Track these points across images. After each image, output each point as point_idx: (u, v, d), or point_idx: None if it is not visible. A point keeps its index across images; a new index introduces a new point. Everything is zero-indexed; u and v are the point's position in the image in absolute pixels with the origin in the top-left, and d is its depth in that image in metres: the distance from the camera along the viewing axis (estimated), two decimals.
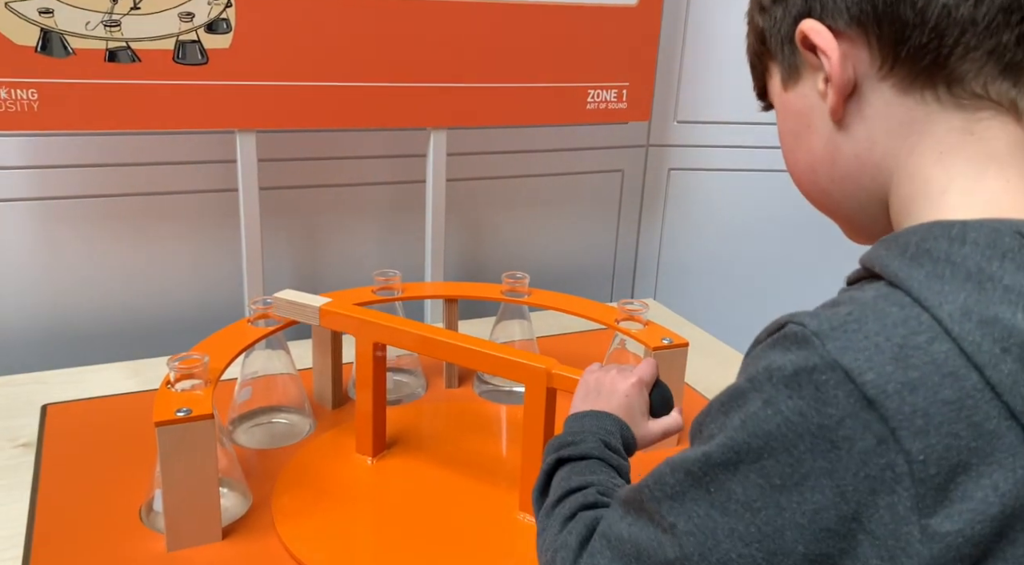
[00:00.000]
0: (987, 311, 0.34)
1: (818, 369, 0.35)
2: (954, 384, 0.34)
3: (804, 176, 0.48)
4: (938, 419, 0.33)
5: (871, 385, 0.34)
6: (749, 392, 0.38)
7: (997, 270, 0.35)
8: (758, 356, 0.39)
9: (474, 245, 1.46)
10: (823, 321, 0.37)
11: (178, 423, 0.69)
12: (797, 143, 0.47)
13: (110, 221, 1.19)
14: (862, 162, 0.43)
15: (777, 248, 1.57)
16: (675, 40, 1.45)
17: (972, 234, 0.36)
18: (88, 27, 0.94)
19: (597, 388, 0.67)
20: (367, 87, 1.12)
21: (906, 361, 0.34)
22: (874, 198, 0.44)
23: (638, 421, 0.65)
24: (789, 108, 0.47)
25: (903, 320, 0.35)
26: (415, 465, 0.88)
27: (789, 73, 0.46)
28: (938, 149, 0.40)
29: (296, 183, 1.28)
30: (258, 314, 0.90)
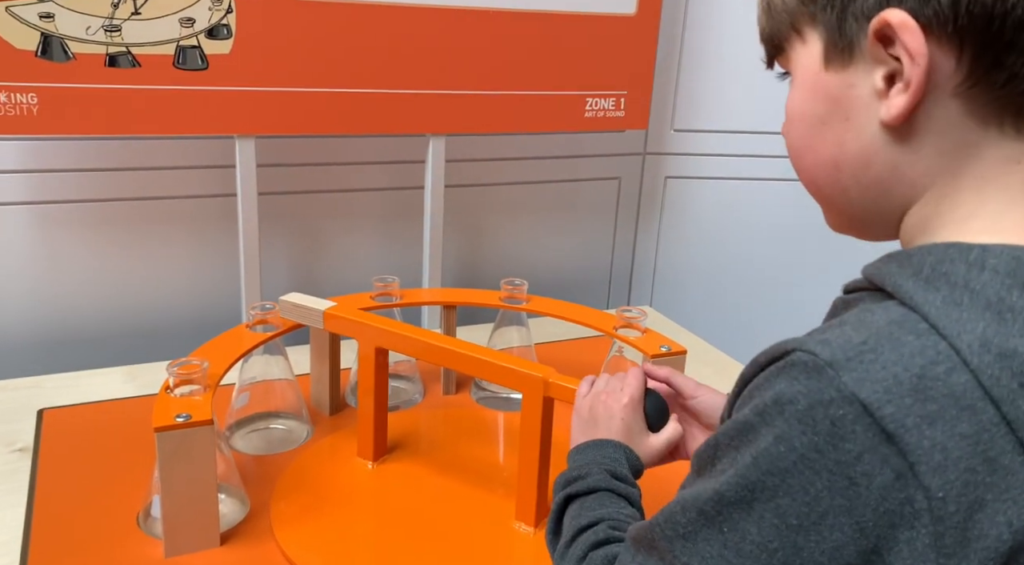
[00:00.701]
0: (1006, 344, 0.33)
1: (835, 403, 0.34)
2: (971, 418, 0.33)
3: (821, 169, 0.43)
4: (956, 454, 0.33)
5: (890, 419, 0.33)
6: (760, 426, 0.37)
7: (1017, 301, 0.34)
8: (763, 386, 0.38)
9: (472, 251, 1.47)
10: (836, 350, 0.35)
11: (177, 428, 0.69)
12: (821, 131, 0.42)
13: (109, 225, 1.19)
14: (900, 174, 0.40)
15: (773, 257, 1.57)
16: (673, 49, 1.46)
17: (992, 260, 0.35)
18: (88, 32, 0.95)
19: (593, 417, 0.66)
20: (366, 94, 1.12)
21: (925, 393, 0.33)
22: (895, 208, 0.42)
23: (639, 440, 0.65)
24: (822, 89, 0.42)
25: (921, 349, 0.34)
26: (414, 471, 0.88)
27: (839, 52, 0.40)
28: (980, 175, 0.39)
29: (295, 188, 1.28)
30: (256, 319, 0.90)
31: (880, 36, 0.38)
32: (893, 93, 0.38)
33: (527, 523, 0.78)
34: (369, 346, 0.84)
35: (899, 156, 0.40)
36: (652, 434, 0.66)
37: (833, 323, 0.39)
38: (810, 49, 0.42)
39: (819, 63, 0.41)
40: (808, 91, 0.43)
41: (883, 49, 0.38)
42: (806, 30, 0.42)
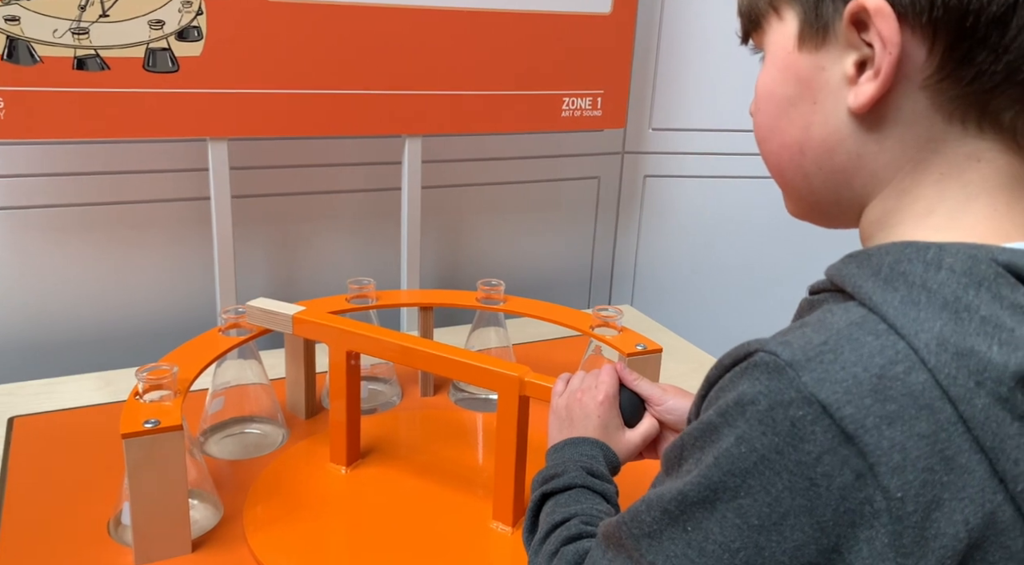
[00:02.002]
0: (963, 342, 0.33)
1: (794, 404, 0.34)
2: (929, 417, 0.33)
3: (785, 151, 0.43)
4: (915, 454, 0.33)
5: (850, 420, 0.33)
6: (722, 427, 0.37)
7: (973, 299, 0.34)
8: (726, 387, 0.38)
9: (451, 253, 1.46)
10: (796, 350, 0.35)
11: (146, 435, 0.68)
12: (789, 113, 0.42)
13: (80, 230, 1.18)
14: (864, 164, 0.40)
15: (752, 253, 1.58)
16: (649, 48, 1.46)
17: (948, 259, 0.35)
18: (56, 35, 0.94)
19: (569, 415, 0.66)
20: (341, 95, 1.11)
21: (884, 393, 0.33)
22: (856, 199, 0.42)
23: (616, 436, 0.65)
24: (792, 70, 0.41)
25: (880, 349, 0.34)
26: (390, 474, 0.87)
27: (813, 34, 0.40)
28: (941, 170, 0.39)
29: (270, 191, 1.28)
30: (229, 324, 0.89)
31: (855, 20, 0.38)
32: (863, 80, 0.38)
33: (504, 523, 0.78)
34: (340, 350, 0.83)
35: (864, 145, 0.40)
36: (628, 430, 0.67)
37: (795, 324, 0.39)
38: (785, 27, 0.42)
39: (793, 43, 0.41)
40: (779, 70, 0.42)
41: (857, 34, 0.38)
42: (783, 7, 0.42)
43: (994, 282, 0.34)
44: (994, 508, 0.33)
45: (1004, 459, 0.33)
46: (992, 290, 0.34)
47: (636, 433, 0.67)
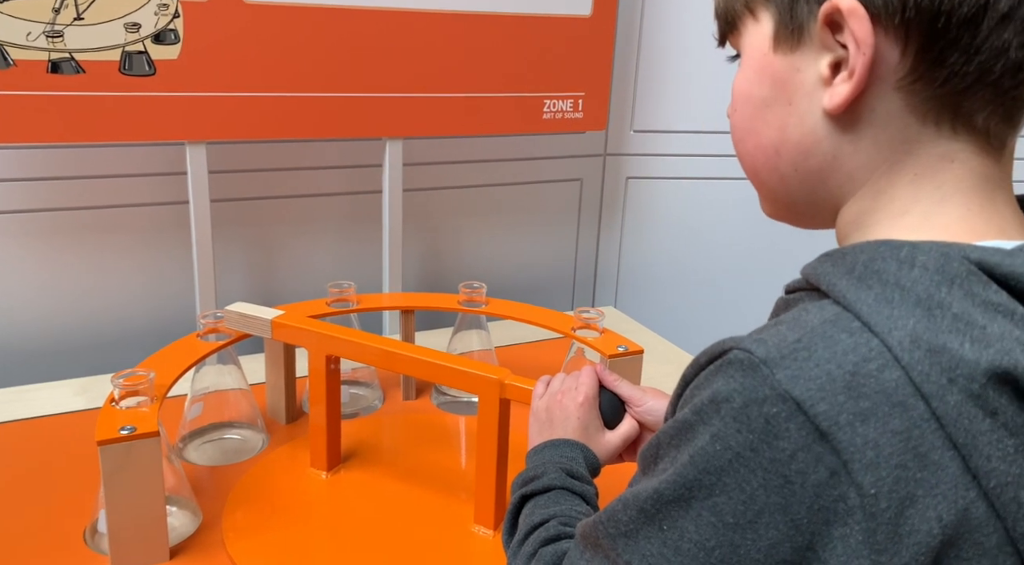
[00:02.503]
0: (936, 340, 0.33)
1: (768, 401, 0.34)
2: (903, 414, 0.33)
3: (761, 153, 0.43)
4: (888, 450, 0.33)
5: (823, 417, 0.33)
6: (697, 425, 0.37)
7: (946, 297, 0.34)
8: (701, 384, 0.38)
9: (434, 256, 1.46)
10: (771, 348, 0.35)
11: (121, 441, 0.68)
12: (764, 114, 0.42)
13: (57, 236, 1.17)
14: (839, 165, 0.40)
15: (735, 254, 1.58)
16: (630, 50, 1.46)
17: (921, 257, 0.35)
18: (29, 38, 0.92)
19: (549, 417, 0.66)
20: (321, 97, 1.11)
21: (858, 390, 0.33)
22: (832, 200, 0.42)
23: (596, 438, 0.65)
24: (768, 72, 0.42)
25: (853, 347, 0.34)
26: (371, 479, 0.87)
27: (788, 35, 0.40)
28: (915, 171, 0.39)
29: (250, 195, 1.27)
30: (208, 328, 0.88)
31: (829, 21, 0.38)
32: (837, 81, 0.38)
33: (486, 526, 0.77)
34: (319, 354, 0.83)
35: (839, 147, 0.40)
36: (608, 431, 0.67)
37: (770, 323, 0.39)
38: (761, 29, 0.42)
39: (768, 44, 0.41)
40: (755, 72, 0.42)
41: (831, 35, 0.38)
42: (759, 9, 0.42)
43: (966, 279, 0.35)
44: (967, 504, 0.33)
45: (976, 456, 0.33)
46: (964, 287, 0.34)
47: (616, 434, 0.67)
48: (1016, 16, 0.35)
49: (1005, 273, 0.35)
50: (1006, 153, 0.40)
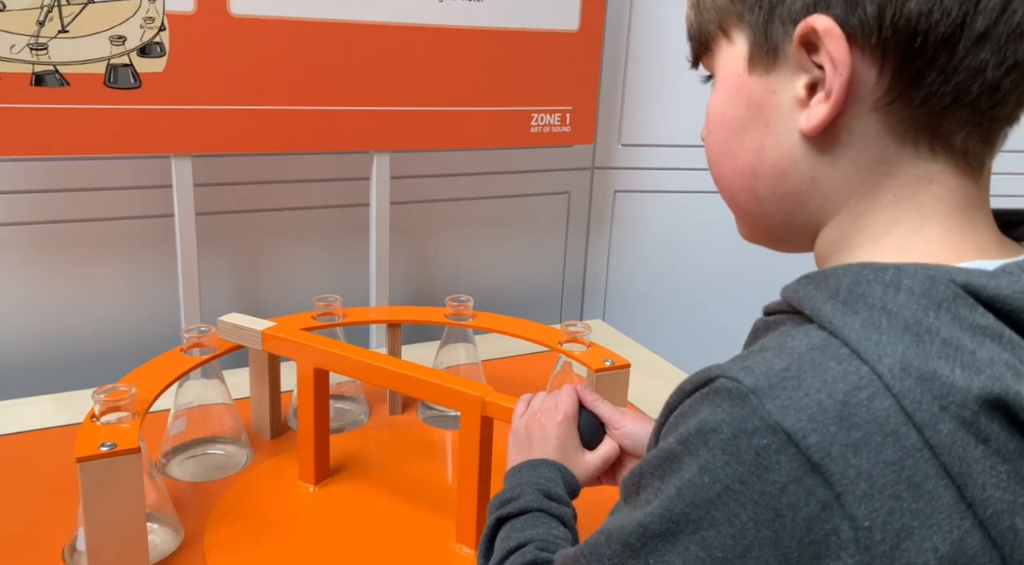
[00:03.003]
0: (926, 366, 0.33)
1: (758, 432, 0.33)
2: (895, 444, 0.32)
3: (738, 175, 0.43)
4: (881, 481, 0.32)
5: (815, 448, 0.32)
6: (683, 455, 0.36)
7: (934, 322, 0.34)
8: (687, 413, 0.37)
9: (421, 269, 1.45)
10: (759, 377, 0.35)
11: (101, 458, 0.67)
12: (740, 136, 0.42)
13: (39, 249, 1.16)
14: (817, 187, 0.40)
15: (724, 267, 1.59)
16: (617, 65, 1.47)
17: (907, 281, 0.35)
18: (13, 51, 0.92)
19: (528, 436, 0.65)
20: (308, 111, 1.11)
21: (849, 420, 0.33)
22: (810, 222, 0.42)
23: (575, 458, 0.64)
24: (744, 94, 0.41)
25: (843, 375, 0.34)
26: (356, 495, 0.86)
27: (763, 56, 0.39)
28: (894, 192, 0.39)
29: (235, 208, 1.26)
30: (192, 343, 0.88)
31: (805, 42, 0.37)
32: (814, 102, 0.38)
33: (468, 546, 0.77)
34: (308, 367, 0.82)
35: (817, 168, 0.40)
36: (588, 452, 0.65)
37: (755, 348, 0.38)
38: (735, 50, 0.41)
39: (743, 65, 0.41)
40: (730, 94, 0.42)
41: (807, 56, 0.38)
42: (733, 30, 0.41)
43: (953, 303, 0.34)
44: (963, 534, 0.33)
45: (972, 484, 0.33)
46: (952, 311, 0.34)
47: (596, 455, 0.65)
48: (993, 36, 0.35)
49: (991, 295, 0.35)
50: (984, 173, 0.40)
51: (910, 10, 0.35)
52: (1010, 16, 0.34)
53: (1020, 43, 0.35)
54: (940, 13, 0.34)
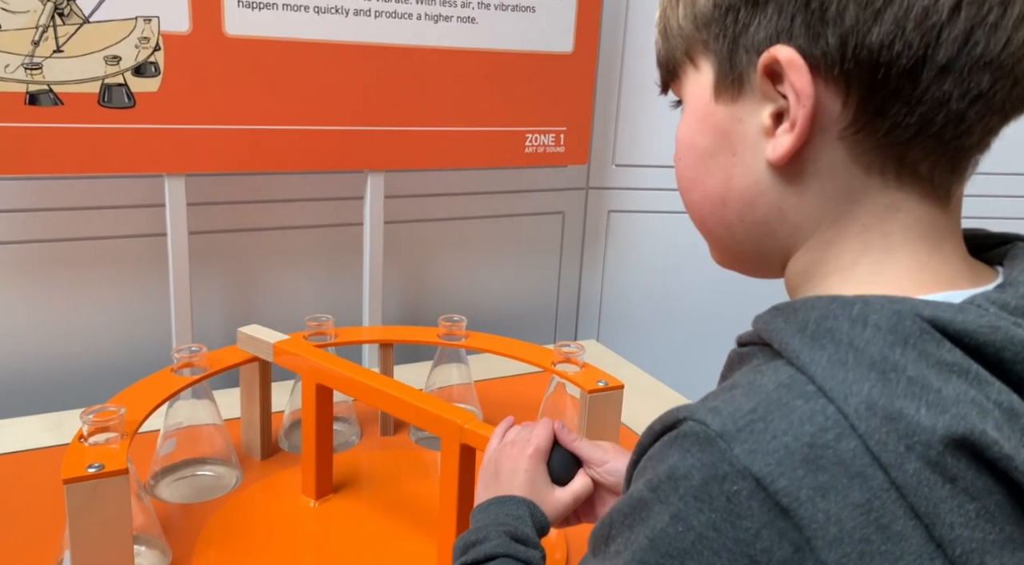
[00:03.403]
0: (892, 405, 0.33)
1: (729, 478, 0.33)
2: (862, 485, 0.32)
3: (707, 202, 0.43)
4: (850, 525, 0.32)
5: (783, 493, 0.32)
6: (653, 503, 0.35)
7: (900, 359, 0.33)
8: (656, 457, 0.36)
9: (415, 289, 1.45)
10: (726, 419, 0.34)
11: (88, 479, 0.66)
12: (708, 164, 0.42)
13: (32, 268, 1.15)
14: (785, 216, 0.40)
15: (718, 287, 1.58)
16: (611, 86, 1.48)
17: (874, 316, 0.35)
18: (7, 70, 0.92)
19: (496, 470, 0.63)
20: (302, 130, 1.11)
21: (816, 463, 0.32)
22: (780, 250, 0.42)
23: (545, 495, 0.61)
24: (710, 122, 0.41)
25: (810, 415, 0.33)
26: (349, 515, 0.85)
27: (729, 85, 0.39)
28: (863, 222, 0.38)
29: (228, 227, 1.26)
30: (182, 363, 0.87)
31: (769, 72, 0.37)
32: (780, 132, 0.38)
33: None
34: (311, 382, 0.84)
35: (784, 198, 0.39)
36: (559, 488, 0.63)
37: (725, 385, 0.38)
38: (702, 78, 0.41)
39: (710, 94, 0.41)
40: (698, 121, 0.42)
41: (772, 85, 0.37)
42: (699, 58, 0.41)
43: (919, 339, 0.34)
44: None
45: (940, 524, 0.32)
46: (918, 347, 0.34)
47: (567, 492, 0.62)
48: (955, 68, 0.34)
49: (958, 330, 0.34)
50: (953, 202, 0.39)
51: (871, 42, 0.34)
52: (972, 48, 0.34)
53: (983, 74, 0.35)
54: (902, 45, 0.34)
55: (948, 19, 0.34)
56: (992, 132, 0.37)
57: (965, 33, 0.34)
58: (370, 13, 1.10)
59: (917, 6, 0.34)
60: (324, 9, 1.07)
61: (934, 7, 0.34)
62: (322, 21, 1.07)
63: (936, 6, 0.34)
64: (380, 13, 1.10)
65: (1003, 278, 0.39)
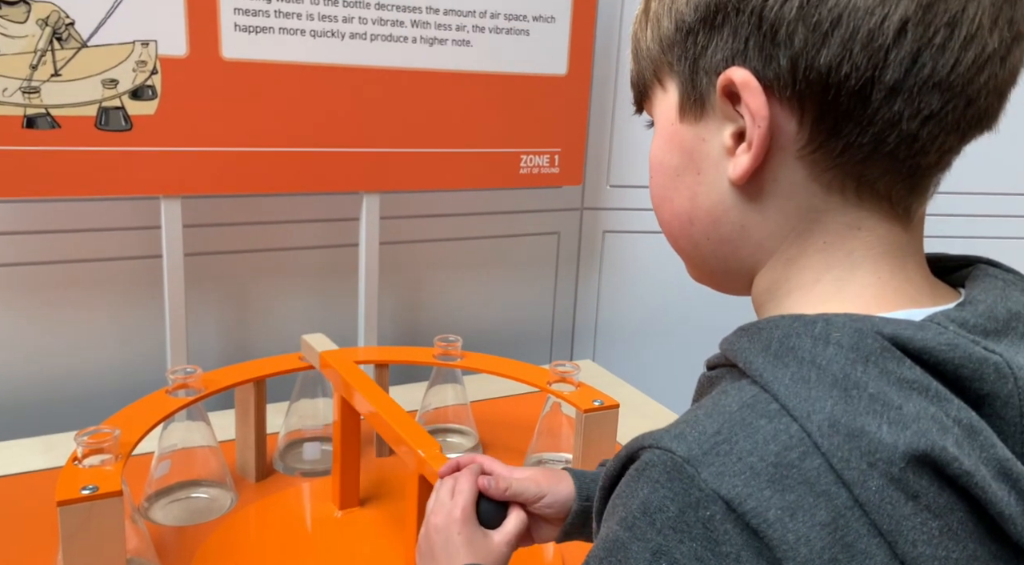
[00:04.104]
0: (854, 423, 0.33)
1: (701, 503, 0.33)
2: (827, 504, 0.32)
3: (676, 220, 0.43)
4: (819, 545, 0.32)
5: (752, 514, 0.32)
6: (630, 542, 0.34)
7: (862, 376, 0.34)
8: (624, 494, 0.36)
9: (410, 309, 1.45)
10: (691, 444, 0.34)
11: (82, 501, 0.66)
12: (676, 183, 0.42)
13: (24, 290, 1.15)
14: (747, 234, 0.40)
15: (712, 307, 1.59)
16: (605, 107, 1.49)
17: (835, 334, 0.35)
18: (5, 94, 0.93)
19: (431, 550, 0.60)
20: (298, 152, 1.12)
21: (782, 483, 0.33)
22: (745, 268, 0.42)
23: (483, 545, 0.59)
24: (677, 141, 0.42)
25: (774, 434, 0.34)
26: (344, 537, 0.85)
27: (692, 105, 0.40)
28: (824, 239, 0.39)
29: (223, 248, 1.26)
30: (177, 384, 0.87)
31: (727, 93, 0.38)
32: (739, 151, 0.38)
33: None
34: (338, 395, 0.88)
35: (746, 216, 0.40)
36: (494, 532, 0.61)
37: (692, 409, 0.38)
38: (669, 99, 0.42)
39: (675, 113, 0.41)
40: (666, 141, 0.43)
41: (731, 106, 0.38)
42: (666, 79, 0.42)
43: (880, 357, 0.34)
44: None
45: (902, 542, 0.32)
46: (879, 365, 0.34)
47: (504, 533, 0.60)
48: (903, 88, 0.35)
49: (918, 348, 0.34)
50: (915, 220, 0.40)
51: (820, 64, 0.35)
52: (919, 69, 0.35)
53: (932, 94, 0.35)
54: (850, 66, 0.35)
55: (894, 41, 0.34)
56: (951, 151, 0.38)
57: (912, 55, 0.34)
58: (366, 36, 1.11)
59: (863, 29, 0.34)
60: (320, 33, 1.08)
61: (879, 29, 0.34)
62: (318, 44, 1.08)
63: (882, 28, 0.34)
64: (376, 36, 1.12)
65: (964, 297, 0.39)
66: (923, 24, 0.34)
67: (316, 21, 1.07)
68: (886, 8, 0.34)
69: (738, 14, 0.37)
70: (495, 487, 0.61)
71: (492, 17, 1.20)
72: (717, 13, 0.37)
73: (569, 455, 0.98)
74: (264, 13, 1.04)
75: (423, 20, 1.15)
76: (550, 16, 1.25)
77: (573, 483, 0.63)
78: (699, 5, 0.38)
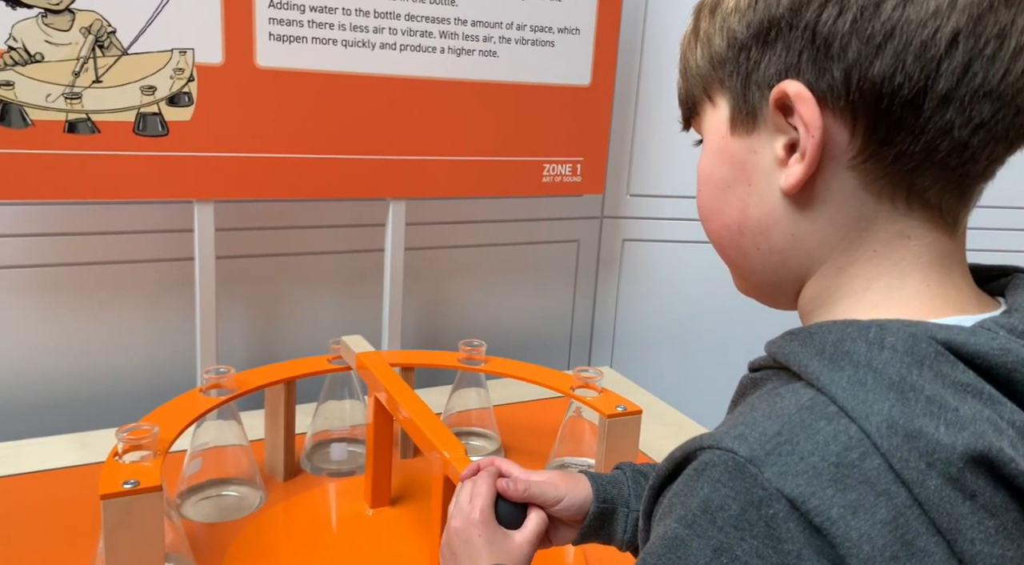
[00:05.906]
0: (912, 424, 0.34)
1: (764, 502, 0.33)
2: (888, 503, 0.33)
3: (726, 231, 0.44)
4: (880, 542, 0.33)
5: (816, 512, 0.33)
6: (690, 540, 0.35)
7: (918, 379, 0.34)
8: (683, 492, 0.36)
9: (433, 314, 1.47)
10: (753, 445, 0.35)
11: (125, 495, 0.68)
12: (727, 195, 0.43)
13: (59, 291, 1.18)
14: (798, 243, 0.41)
15: (730, 316, 1.60)
16: (627, 118, 1.51)
17: (890, 338, 0.36)
18: (49, 99, 0.96)
19: (453, 554, 0.60)
20: (328, 159, 1.14)
21: (844, 482, 0.33)
22: (793, 279, 0.43)
23: (505, 546, 0.59)
24: (728, 154, 0.43)
25: (834, 435, 0.34)
26: (367, 537, 0.86)
27: (744, 119, 0.41)
28: (873, 248, 0.40)
29: (253, 252, 1.29)
30: (211, 384, 0.89)
31: (780, 105, 0.39)
32: (792, 162, 0.39)
33: None
34: (372, 395, 0.91)
35: (797, 225, 0.41)
36: (516, 532, 0.61)
37: (743, 410, 0.39)
38: (719, 113, 0.43)
39: (726, 128, 0.42)
40: (716, 154, 0.44)
41: (783, 118, 0.39)
42: (716, 95, 0.43)
43: (935, 360, 0.35)
44: None
45: (961, 540, 0.33)
46: (934, 368, 0.35)
47: (524, 534, 0.60)
48: (955, 97, 0.36)
49: (971, 352, 0.35)
50: (960, 229, 0.41)
51: (874, 74, 0.36)
52: (971, 79, 0.36)
53: (984, 103, 0.36)
54: (903, 77, 0.36)
55: (946, 52, 0.35)
56: (997, 160, 0.39)
57: (964, 65, 0.36)
58: (395, 47, 1.13)
59: (916, 40, 0.35)
60: (351, 43, 1.10)
61: (932, 40, 0.35)
62: (349, 54, 1.11)
63: (934, 39, 0.35)
64: (405, 47, 1.14)
65: (1007, 305, 0.40)
66: (974, 35, 0.35)
67: (348, 31, 1.10)
68: (938, 20, 0.35)
69: (791, 30, 0.38)
70: (514, 489, 0.62)
71: (518, 29, 1.22)
72: (770, 29, 0.39)
73: (590, 459, 1.00)
74: (298, 23, 1.07)
75: (451, 31, 1.17)
76: (575, 28, 1.27)
77: (590, 486, 0.64)
78: (752, 22, 0.39)
